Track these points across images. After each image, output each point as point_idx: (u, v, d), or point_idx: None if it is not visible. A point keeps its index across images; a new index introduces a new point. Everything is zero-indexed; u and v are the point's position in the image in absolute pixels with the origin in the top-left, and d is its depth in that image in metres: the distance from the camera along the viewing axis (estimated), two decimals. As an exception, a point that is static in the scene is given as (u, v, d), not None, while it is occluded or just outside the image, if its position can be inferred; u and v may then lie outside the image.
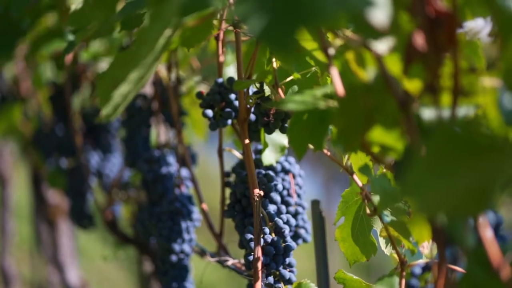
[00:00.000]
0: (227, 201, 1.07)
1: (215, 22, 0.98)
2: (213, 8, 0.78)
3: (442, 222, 0.64)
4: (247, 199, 1.00)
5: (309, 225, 1.06)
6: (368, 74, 0.73)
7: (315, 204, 1.01)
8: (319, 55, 0.85)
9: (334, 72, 0.75)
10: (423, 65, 0.67)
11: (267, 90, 0.91)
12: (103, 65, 1.68)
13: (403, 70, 0.68)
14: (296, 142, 0.82)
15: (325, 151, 0.90)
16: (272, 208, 0.99)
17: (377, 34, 0.67)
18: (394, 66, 0.71)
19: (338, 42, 0.78)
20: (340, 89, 0.74)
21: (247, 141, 0.96)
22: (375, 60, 0.70)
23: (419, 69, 0.68)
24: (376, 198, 0.87)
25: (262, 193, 0.93)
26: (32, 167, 2.30)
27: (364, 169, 0.85)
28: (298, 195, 1.06)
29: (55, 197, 2.14)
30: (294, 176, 1.06)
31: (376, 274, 4.34)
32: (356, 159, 0.90)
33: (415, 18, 0.66)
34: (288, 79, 0.89)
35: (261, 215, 0.94)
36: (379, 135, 0.74)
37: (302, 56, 0.90)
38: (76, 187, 1.56)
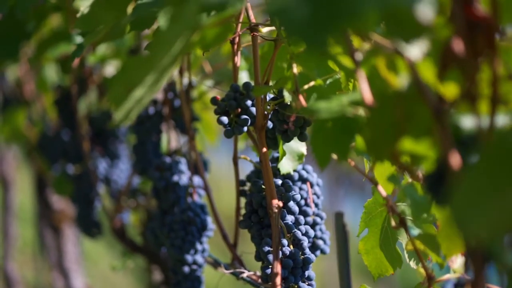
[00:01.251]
0: (242, 211, 1.03)
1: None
2: (233, 9, 0.75)
3: (481, 239, 0.60)
4: (264, 210, 0.96)
5: (327, 236, 1.02)
6: (399, 80, 0.69)
7: (338, 216, 0.97)
8: (344, 60, 0.80)
9: (362, 79, 0.71)
10: (460, 71, 0.63)
11: (287, 96, 0.87)
12: (110, 68, 1.64)
13: (438, 76, 0.65)
14: (319, 151, 0.78)
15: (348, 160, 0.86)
16: (290, 218, 0.95)
17: (412, 36, 0.63)
18: (428, 72, 0.67)
19: (365, 46, 0.74)
20: (368, 96, 0.70)
21: (264, 149, 0.92)
22: (408, 66, 0.66)
23: (455, 76, 0.64)
24: (402, 209, 0.84)
25: (281, 204, 0.89)
26: (36, 171, 2.26)
27: (392, 179, 0.81)
28: (316, 205, 1.02)
29: (60, 203, 2.10)
30: (311, 185, 1.02)
31: (384, 285, 4.29)
32: (380, 169, 0.86)
33: (452, 22, 0.62)
34: (310, 84, 0.85)
35: (279, 226, 0.90)
36: (409, 144, 0.70)
37: (324, 60, 0.86)
38: (84, 194, 1.51)
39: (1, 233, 3.12)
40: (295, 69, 0.86)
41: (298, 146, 0.99)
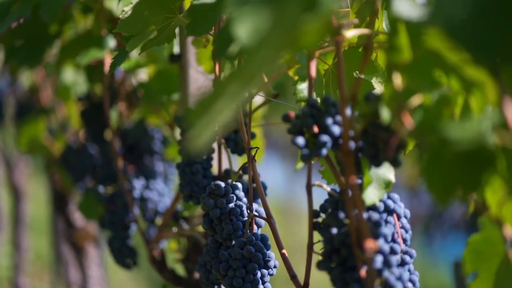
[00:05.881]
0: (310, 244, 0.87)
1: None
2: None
3: None
4: (348, 249, 0.81)
5: (417, 278, 0.87)
6: None
7: (458, 267, 0.81)
8: (466, 70, 0.65)
9: (506, 96, 0.56)
10: None
11: (386, 115, 0.71)
12: (142, 75, 1.49)
13: None
14: (438, 185, 0.63)
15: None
16: (379, 259, 0.80)
17: None
18: None
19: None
20: (516, 119, 0.55)
21: (354, 178, 0.76)
22: None
23: None
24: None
25: (377, 246, 0.73)
26: (54, 185, 2.11)
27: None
28: (404, 241, 0.86)
29: (82, 220, 1.95)
30: (398, 217, 0.86)
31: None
32: (509, 205, 0.70)
33: None
34: (416, 100, 0.70)
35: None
36: None
37: (431, 71, 0.71)
38: (117, 219, 1.33)
39: (12, 245, 2.99)
40: (398, 81, 0.71)
41: (385, 172, 0.84)
